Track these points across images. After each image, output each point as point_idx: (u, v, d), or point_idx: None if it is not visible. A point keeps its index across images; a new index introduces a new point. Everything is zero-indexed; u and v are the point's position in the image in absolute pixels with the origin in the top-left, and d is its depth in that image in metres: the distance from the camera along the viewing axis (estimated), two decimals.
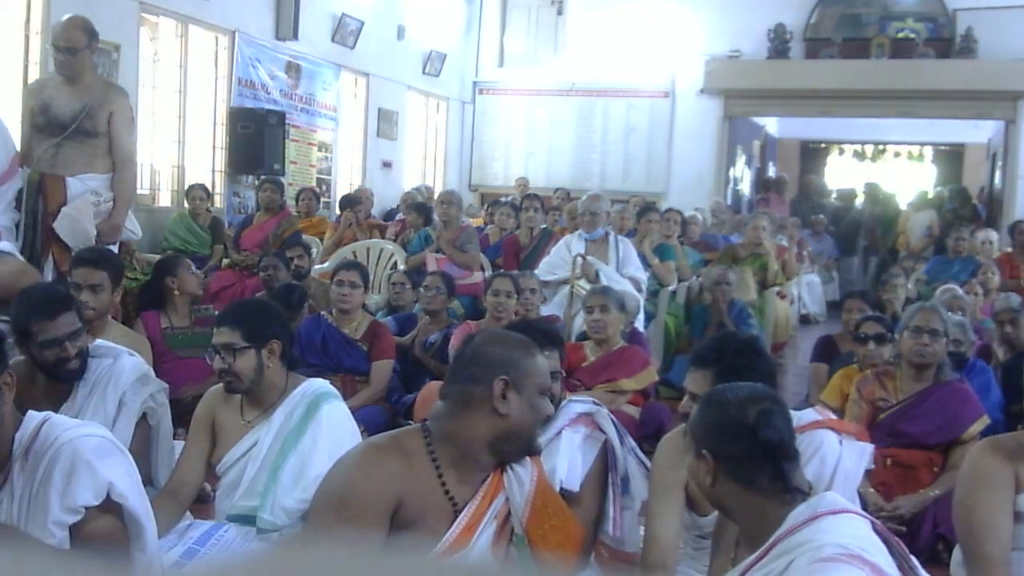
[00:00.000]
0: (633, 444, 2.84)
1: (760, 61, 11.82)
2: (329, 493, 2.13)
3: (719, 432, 1.96)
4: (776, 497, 1.92)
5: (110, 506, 2.18)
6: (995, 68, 10.96)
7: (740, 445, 1.93)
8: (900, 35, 11.52)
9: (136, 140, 5.09)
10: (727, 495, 1.97)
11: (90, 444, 2.16)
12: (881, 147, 17.22)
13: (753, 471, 1.93)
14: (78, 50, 4.58)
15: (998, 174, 12.22)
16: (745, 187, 13.91)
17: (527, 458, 2.26)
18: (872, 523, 1.88)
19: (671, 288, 7.07)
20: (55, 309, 2.86)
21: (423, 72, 12.02)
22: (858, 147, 17.29)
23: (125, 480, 2.20)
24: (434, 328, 5.48)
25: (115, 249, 4.66)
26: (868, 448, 2.71)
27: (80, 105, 4.61)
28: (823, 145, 17.27)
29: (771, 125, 15.31)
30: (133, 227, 5.07)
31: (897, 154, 17.25)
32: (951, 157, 16.53)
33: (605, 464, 2.70)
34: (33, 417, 2.21)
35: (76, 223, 4.50)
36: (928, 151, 17.04)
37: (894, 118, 13.24)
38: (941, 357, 3.91)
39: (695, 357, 2.65)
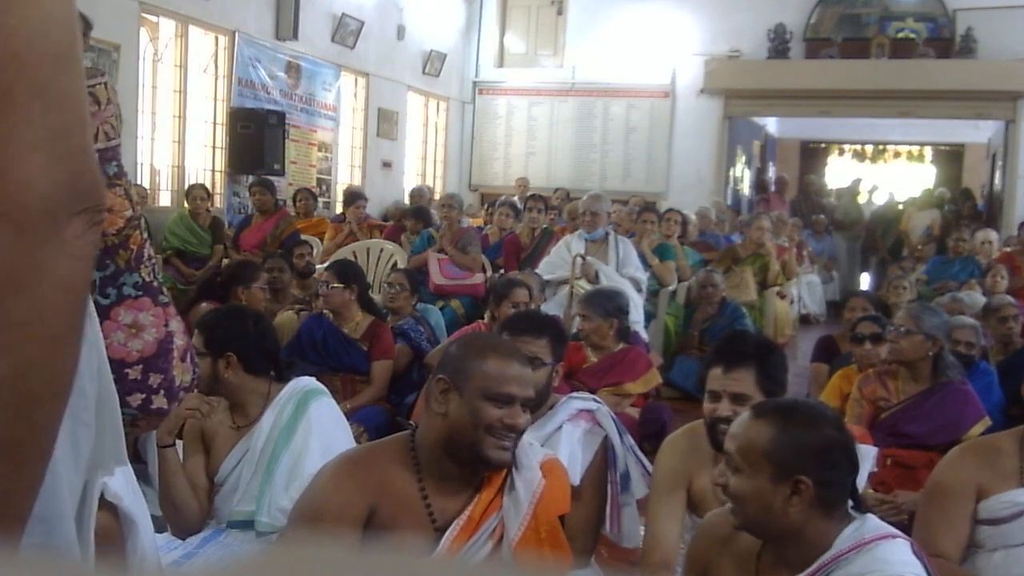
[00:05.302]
0: (632, 443, 2.83)
1: (760, 61, 11.81)
2: (302, 507, 2.11)
3: (823, 456, 1.79)
4: (838, 519, 1.82)
5: (102, 504, 2.17)
6: (995, 68, 10.95)
7: (842, 469, 1.81)
8: (900, 35, 11.51)
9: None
10: (801, 522, 1.80)
11: None
12: (881, 147, 17.22)
13: (840, 494, 1.82)
14: None
15: (998, 174, 12.22)
16: (745, 187, 13.91)
17: (537, 473, 2.14)
18: (911, 545, 1.84)
19: (671, 288, 7.07)
20: None
21: (423, 72, 12.02)
22: (858, 147, 17.29)
23: (119, 479, 2.19)
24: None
25: None
26: (872, 451, 2.70)
27: None
28: (823, 145, 17.26)
29: (771, 125, 15.30)
30: None
31: (897, 154, 17.25)
32: (951, 157, 16.53)
33: (605, 460, 2.68)
34: None
35: None
36: (928, 151, 17.04)
37: (894, 118, 13.23)
38: (913, 355, 3.81)
39: (725, 356, 2.46)
